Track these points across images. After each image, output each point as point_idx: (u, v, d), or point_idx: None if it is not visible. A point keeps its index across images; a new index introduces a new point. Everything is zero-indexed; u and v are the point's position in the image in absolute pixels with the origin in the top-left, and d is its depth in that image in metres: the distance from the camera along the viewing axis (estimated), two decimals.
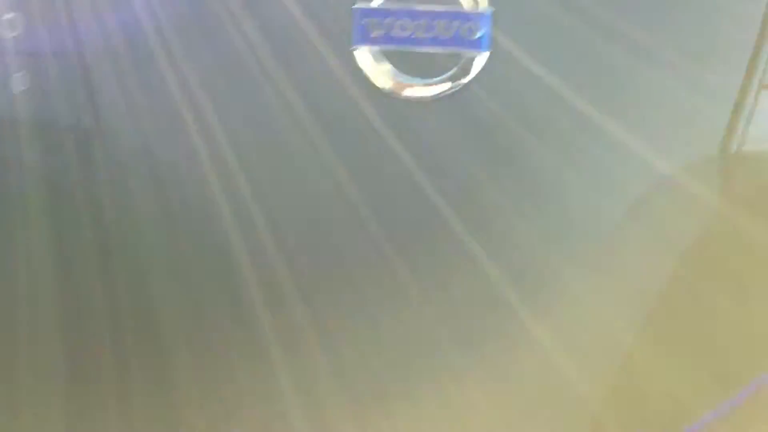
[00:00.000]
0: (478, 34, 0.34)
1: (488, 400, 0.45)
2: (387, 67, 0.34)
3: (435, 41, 0.33)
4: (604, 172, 0.36)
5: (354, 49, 0.34)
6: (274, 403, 0.44)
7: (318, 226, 0.38)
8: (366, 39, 0.34)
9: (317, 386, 0.43)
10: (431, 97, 0.34)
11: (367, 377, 0.42)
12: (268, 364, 0.42)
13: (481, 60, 0.34)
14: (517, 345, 0.41)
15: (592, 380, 0.46)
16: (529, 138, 0.35)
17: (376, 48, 0.34)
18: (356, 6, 0.33)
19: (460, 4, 0.33)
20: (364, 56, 0.34)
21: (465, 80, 0.34)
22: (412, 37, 0.34)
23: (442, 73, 0.34)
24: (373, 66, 0.34)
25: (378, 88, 0.34)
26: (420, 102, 0.34)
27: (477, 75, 0.33)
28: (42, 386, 0.47)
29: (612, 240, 0.37)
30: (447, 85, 0.34)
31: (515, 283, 0.38)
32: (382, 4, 0.34)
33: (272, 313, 0.40)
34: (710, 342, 0.43)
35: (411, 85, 0.34)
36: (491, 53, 0.33)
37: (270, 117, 0.36)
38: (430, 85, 0.34)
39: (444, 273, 0.40)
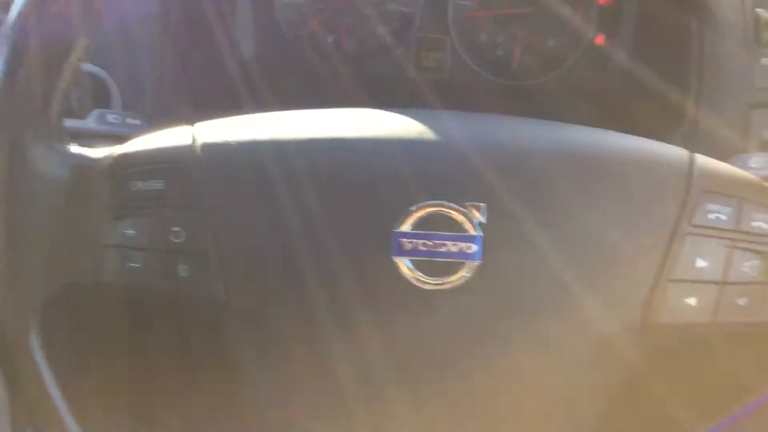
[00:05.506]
0: (474, 250, 0.52)
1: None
2: (416, 270, 0.52)
3: (446, 254, 0.52)
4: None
5: (395, 257, 0.52)
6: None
7: None
8: (401, 251, 0.52)
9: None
10: (441, 289, 0.52)
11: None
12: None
13: (474, 265, 0.52)
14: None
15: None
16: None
17: (407, 257, 0.52)
18: (395, 230, 0.52)
19: (464, 230, 0.52)
20: (400, 262, 0.52)
21: (463, 280, 0.52)
22: (431, 251, 0.52)
23: (450, 273, 0.52)
24: (406, 268, 0.52)
25: (411, 282, 0.52)
26: (434, 291, 0.52)
27: (472, 275, 0.52)
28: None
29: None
30: (454, 282, 0.52)
31: None
32: (411, 228, 0.52)
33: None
34: None
35: (431, 282, 0.52)
36: (482, 261, 0.52)
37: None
38: (443, 282, 0.52)
39: None
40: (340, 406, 0.53)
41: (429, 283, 0.51)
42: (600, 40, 1.07)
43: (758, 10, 0.88)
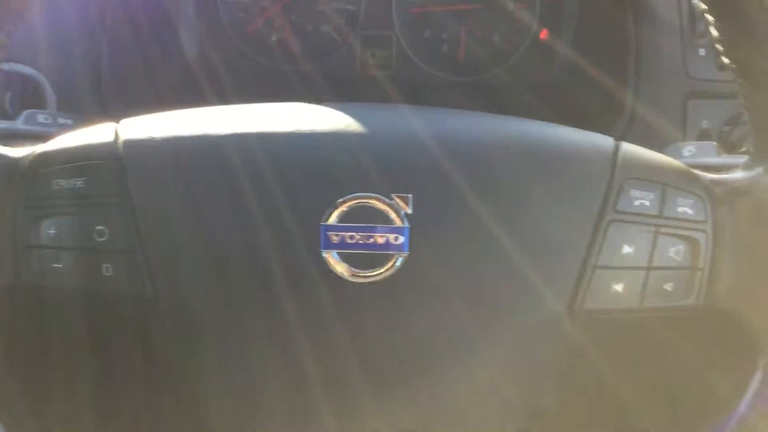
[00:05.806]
0: (401, 241, 0.52)
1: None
2: (344, 263, 0.52)
3: (373, 246, 0.52)
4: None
5: (323, 250, 0.51)
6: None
7: None
8: (329, 244, 0.52)
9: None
10: (371, 281, 0.52)
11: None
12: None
13: (402, 257, 0.51)
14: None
15: None
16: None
17: (334, 250, 0.52)
18: (322, 223, 0.52)
19: (391, 221, 0.52)
20: (329, 255, 0.52)
21: (392, 271, 0.52)
22: (359, 243, 0.52)
23: (380, 266, 0.52)
24: (334, 261, 0.52)
25: (337, 275, 0.51)
26: (364, 284, 0.51)
27: (399, 267, 0.51)
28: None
29: None
30: (383, 274, 0.52)
31: None
32: (338, 221, 0.52)
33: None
34: None
35: (359, 274, 0.52)
36: (409, 253, 0.52)
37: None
38: (371, 274, 0.52)
39: None
40: (270, 400, 0.53)
41: (357, 275, 0.51)
42: (544, 35, 1.08)
43: (694, 1, 0.90)
